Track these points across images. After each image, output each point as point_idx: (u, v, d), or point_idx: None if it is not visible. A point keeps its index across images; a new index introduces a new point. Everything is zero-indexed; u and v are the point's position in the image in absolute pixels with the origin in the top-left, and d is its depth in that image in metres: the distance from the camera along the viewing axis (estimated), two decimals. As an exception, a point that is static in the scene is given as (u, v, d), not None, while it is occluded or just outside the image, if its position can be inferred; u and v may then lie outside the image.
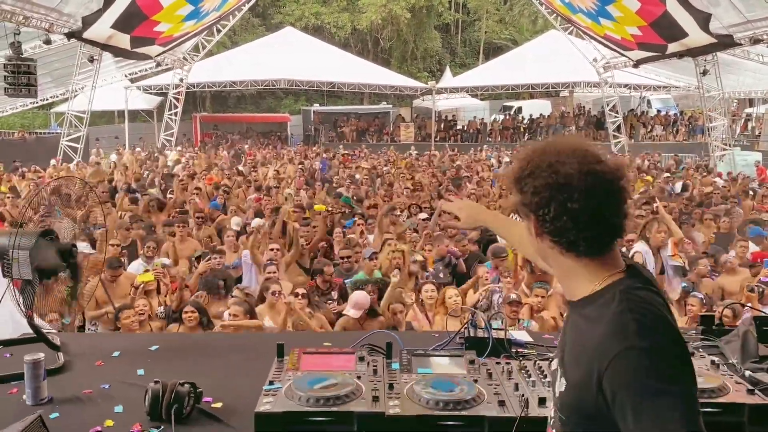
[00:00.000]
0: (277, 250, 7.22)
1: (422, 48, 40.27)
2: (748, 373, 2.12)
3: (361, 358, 2.24)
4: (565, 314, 5.55)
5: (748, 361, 2.23)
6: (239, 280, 6.99)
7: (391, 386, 2.02)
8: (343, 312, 5.66)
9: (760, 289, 5.90)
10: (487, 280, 6.54)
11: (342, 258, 7.25)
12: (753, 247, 7.95)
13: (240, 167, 16.90)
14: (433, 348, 2.45)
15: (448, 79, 32.44)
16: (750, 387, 1.92)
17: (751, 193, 12.82)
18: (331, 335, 3.83)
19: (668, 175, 16.42)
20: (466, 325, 2.50)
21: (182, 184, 12.28)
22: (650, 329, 1.25)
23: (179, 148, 22.88)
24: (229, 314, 5.18)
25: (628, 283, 1.35)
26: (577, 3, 17.12)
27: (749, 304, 5.16)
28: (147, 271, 6.46)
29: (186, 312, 5.11)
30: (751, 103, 30.47)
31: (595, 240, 1.36)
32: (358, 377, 2.10)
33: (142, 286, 5.81)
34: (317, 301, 6.14)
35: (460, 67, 40.03)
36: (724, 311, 5.16)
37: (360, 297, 5.74)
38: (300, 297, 5.49)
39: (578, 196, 1.32)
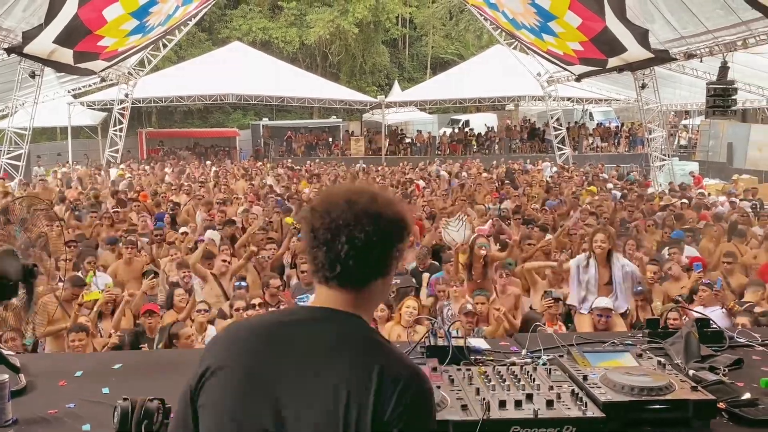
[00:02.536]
0: (228, 262, 7.21)
1: (370, 63, 40.58)
2: (691, 372, 2.26)
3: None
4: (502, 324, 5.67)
5: (692, 360, 2.38)
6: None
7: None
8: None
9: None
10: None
11: (303, 272, 7.25)
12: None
13: (188, 183, 16.71)
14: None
15: (396, 93, 32.79)
16: (694, 384, 2.06)
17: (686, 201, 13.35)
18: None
19: (611, 185, 17.01)
20: (426, 335, 2.59)
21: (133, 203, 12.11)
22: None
23: (122, 165, 22.44)
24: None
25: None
26: (521, 19, 17.57)
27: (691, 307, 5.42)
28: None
29: None
30: (687, 114, 31.77)
31: (331, 265, 1.43)
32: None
33: (94, 304, 5.71)
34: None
35: (408, 81, 40.50)
36: (671, 314, 5.44)
37: None
38: (258, 308, 5.57)
39: (320, 217, 1.43)
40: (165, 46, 21.96)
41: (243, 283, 6.75)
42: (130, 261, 7.81)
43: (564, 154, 25.16)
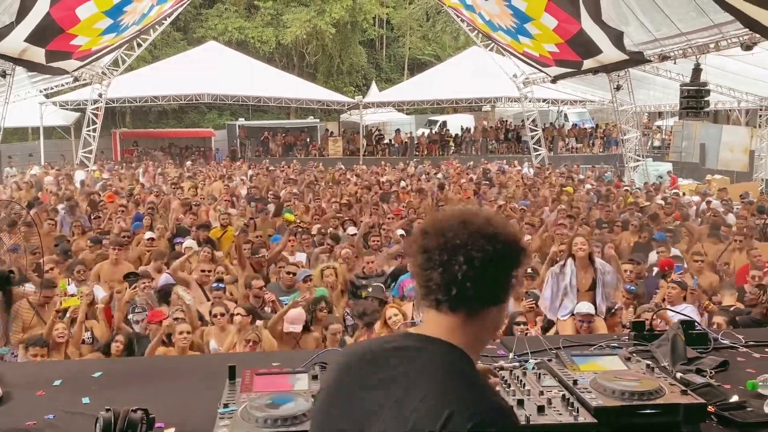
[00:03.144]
0: (209, 271, 7.11)
1: (348, 63, 40.49)
2: (679, 374, 2.27)
3: (315, 377, 2.26)
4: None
5: (678, 363, 2.39)
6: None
7: (347, 403, 2.05)
8: (284, 330, 5.67)
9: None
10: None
11: (288, 273, 7.18)
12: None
13: (163, 185, 16.53)
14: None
15: (374, 94, 32.75)
16: (683, 388, 2.07)
17: (662, 202, 13.52)
18: (279, 355, 3.82)
19: (589, 186, 17.17)
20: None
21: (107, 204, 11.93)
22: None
23: (93, 166, 22.10)
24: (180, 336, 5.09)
25: None
26: (498, 21, 17.66)
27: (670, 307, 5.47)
28: (73, 295, 6.21)
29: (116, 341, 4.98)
30: (660, 116, 32.21)
31: (445, 288, 1.40)
32: (313, 396, 2.12)
33: (69, 310, 5.59)
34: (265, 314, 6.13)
35: (386, 82, 40.49)
36: (655, 316, 5.47)
37: (296, 313, 5.79)
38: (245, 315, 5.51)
39: (436, 238, 1.41)
40: (139, 45, 21.67)
41: (221, 285, 6.65)
42: (116, 262, 7.66)
43: (540, 154, 25.35)
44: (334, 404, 1.44)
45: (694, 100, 14.03)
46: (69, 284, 6.67)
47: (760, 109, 20.84)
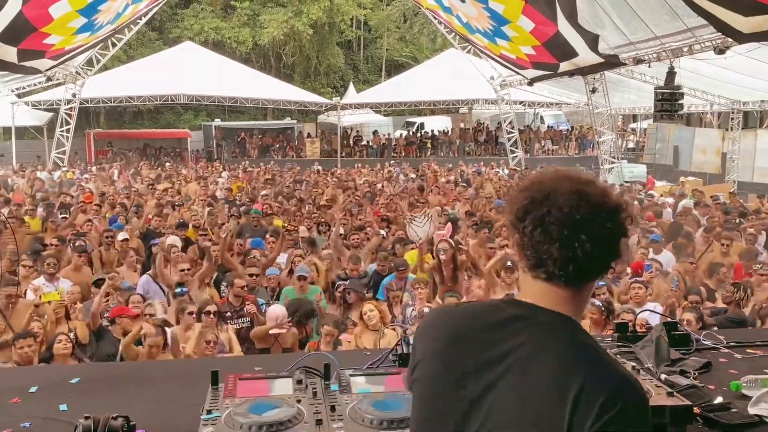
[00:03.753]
0: (188, 270, 7.04)
1: (325, 64, 40.37)
2: (663, 376, 2.28)
3: (299, 382, 2.23)
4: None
5: (662, 365, 2.39)
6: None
7: (333, 408, 2.02)
8: (270, 332, 5.65)
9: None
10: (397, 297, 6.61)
11: (250, 275, 7.13)
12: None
13: (139, 185, 16.33)
14: (367, 366, 2.47)
15: (352, 95, 32.73)
16: (669, 390, 2.07)
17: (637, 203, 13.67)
18: (261, 359, 3.78)
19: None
20: (399, 342, 2.54)
21: (81, 206, 11.74)
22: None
23: (64, 167, 21.76)
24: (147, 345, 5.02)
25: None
26: (475, 23, 17.73)
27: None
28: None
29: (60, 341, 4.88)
30: (634, 118, 32.64)
31: (562, 263, 1.34)
32: (298, 401, 2.09)
33: (48, 306, 5.47)
34: (228, 316, 6.09)
35: (364, 83, 40.46)
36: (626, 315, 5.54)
37: (278, 311, 5.79)
38: (212, 315, 5.47)
39: (556, 210, 1.34)
40: (114, 45, 21.38)
41: (184, 289, 6.55)
42: (79, 268, 7.55)
43: (516, 156, 25.53)
44: (450, 375, 1.40)
45: (668, 102, 14.22)
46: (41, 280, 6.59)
47: (732, 112, 21.22)
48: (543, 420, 1.25)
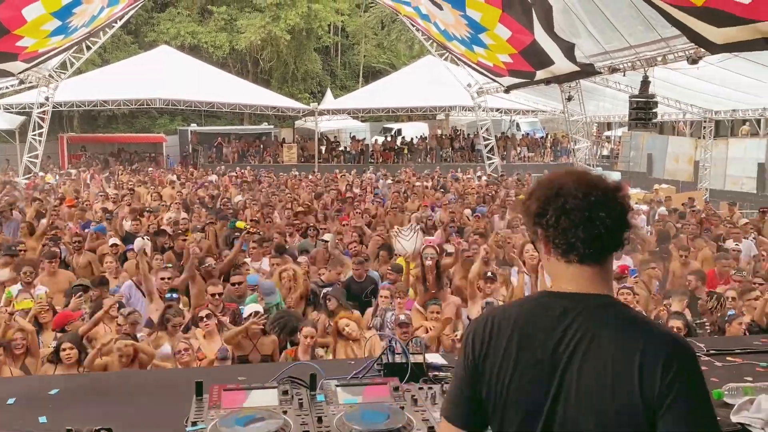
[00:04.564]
0: (168, 278, 6.96)
1: (303, 70, 40.28)
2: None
3: (285, 392, 2.21)
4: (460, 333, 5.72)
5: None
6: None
7: (319, 419, 2.01)
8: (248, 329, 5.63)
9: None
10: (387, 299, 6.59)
11: (234, 284, 7.07)
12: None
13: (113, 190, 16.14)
14: (351, 376, 2.46)
15: (329, 101, 32.69)
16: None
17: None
18: (245, 369, 3.74)
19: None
20: (384, 352, 2.54)
21: (54, 209, 11.56)
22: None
23: (35, 171, 21.41)
24: (118, 348, 4.91)
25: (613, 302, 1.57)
26: (453, 31, 17.83)
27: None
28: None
29: (64, 349, 4.78)
30: (609, 126, 33.07)
31: (590, 241, 1.52)
32: (284, 412, 2.07)
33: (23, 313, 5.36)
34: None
35: (341, 89, 40.45)
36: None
37: (254, 308, 5.78)
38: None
39: (572, 197, 1.52)
40: (89, 48, 21.08)
41: (174, 295, 6.50)
42: (53, 273, 7.42)
43: (493, 163, 25.69)
44: (527, 373, 1.53)
45: (642, 111, 14.43)
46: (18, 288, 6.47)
47: (704, 121, 21.60)
48: (620, 385, 1.43)
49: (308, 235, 9.98)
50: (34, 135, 22.45)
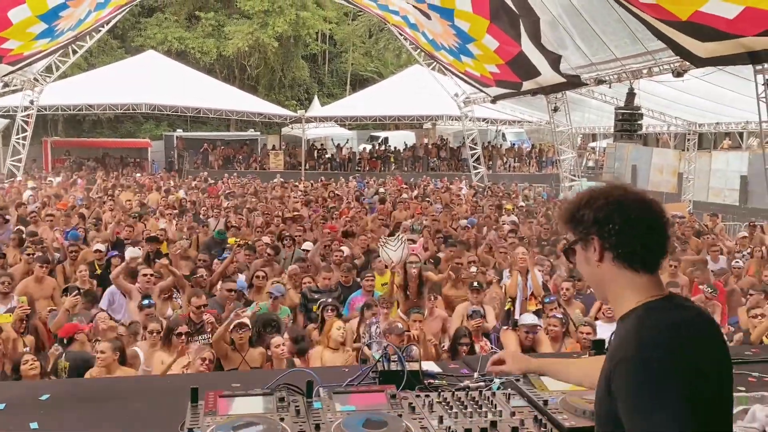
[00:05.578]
0: (151, 276, 6.93)
1: (290, 77, 40.27)
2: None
3: (281, 399, 2.20)
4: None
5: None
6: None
7: (317, 427, 2.00)
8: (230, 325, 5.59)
9: None
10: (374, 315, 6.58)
11: (228, 290, 7.04)
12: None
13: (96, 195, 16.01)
14: (347, 383, 2.45)
15: (316, 108, 32.71)
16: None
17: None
18: (239, 376, 3.72)
19: (523, 204, 17.58)
20: (380, 359, 2.53)
21: (33, 216, 11.45)
22: (649, 343, 1.45)
23: (19, 177, 21.16)
24: (96, 351, 4.87)
25: (659, 303, 1.57)
26: (440, 40, 17.93)
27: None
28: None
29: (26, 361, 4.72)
30: (594, 137, 33.34)
31: (650, 249, 1.60)
32: (281, 419, 2.06)
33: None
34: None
35: (328, 96, 40.46)
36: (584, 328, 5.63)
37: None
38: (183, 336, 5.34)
39: (635, 208, 1.60)
40: (75, 52, 20.95)
41: (151, 301, 6.47)
42: (41, 279, 7.34)
43: (479, 172, 25.81)
44: (723, 380, 1.52)
45: (628, 123, 14.58)
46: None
47: (688, 133, 21.85)
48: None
49: (285, 245, 9.90)
50: (18, 139, 22.23)
